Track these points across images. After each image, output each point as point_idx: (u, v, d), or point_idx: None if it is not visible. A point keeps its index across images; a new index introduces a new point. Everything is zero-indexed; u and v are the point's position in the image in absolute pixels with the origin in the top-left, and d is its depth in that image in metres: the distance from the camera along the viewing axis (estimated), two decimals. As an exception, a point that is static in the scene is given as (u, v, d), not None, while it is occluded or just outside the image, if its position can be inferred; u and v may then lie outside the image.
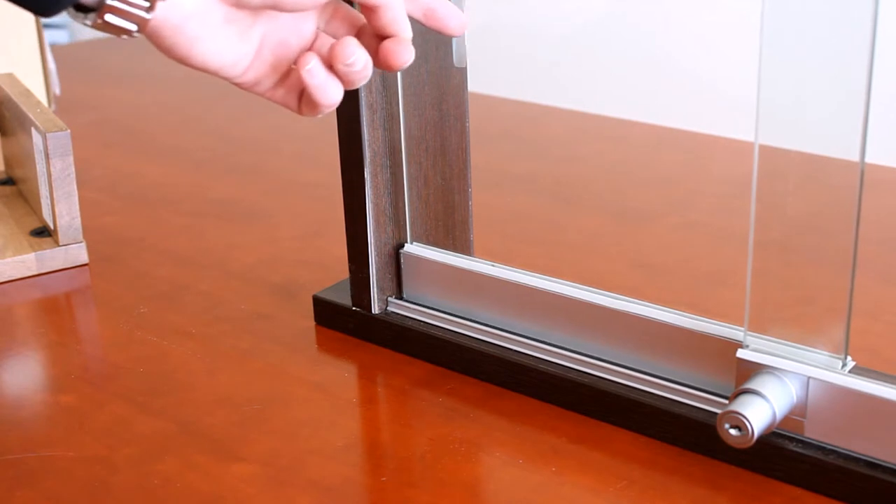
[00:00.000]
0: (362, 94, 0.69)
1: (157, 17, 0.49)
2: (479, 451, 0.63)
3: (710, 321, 0.62)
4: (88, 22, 0.49)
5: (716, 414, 0.59)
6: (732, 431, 0.55)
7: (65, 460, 0.63)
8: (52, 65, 1.26)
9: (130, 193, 1.07)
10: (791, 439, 0.58)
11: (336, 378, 0.71)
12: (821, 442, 0.57)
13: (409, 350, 0.73)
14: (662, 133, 1.21)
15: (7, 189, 1.03)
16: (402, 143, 0.72)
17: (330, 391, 0.70)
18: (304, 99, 0.55)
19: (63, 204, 0.88)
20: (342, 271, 0.78)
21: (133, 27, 0.49)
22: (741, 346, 0.59)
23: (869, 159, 0.53)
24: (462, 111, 0.75)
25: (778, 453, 0.58)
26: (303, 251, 0.91)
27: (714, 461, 0.61)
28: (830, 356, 0.56)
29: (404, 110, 0.71)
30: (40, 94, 1.22)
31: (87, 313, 0.85)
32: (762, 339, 0.58)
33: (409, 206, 0.73)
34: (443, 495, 0.59)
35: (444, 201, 0.75)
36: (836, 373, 0.56)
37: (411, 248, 0.73)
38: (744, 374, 0.58)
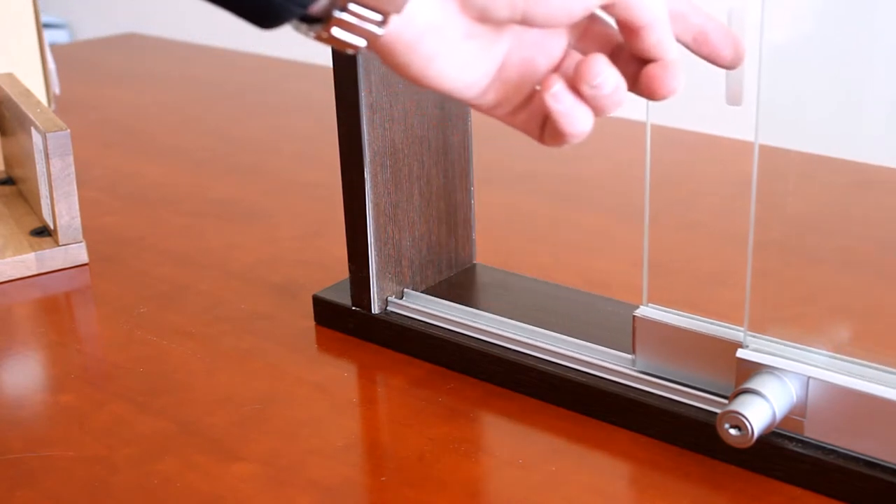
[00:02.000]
0: (362, 94, 0.69)
1: (390, 32, 0.44)
2: (479, 451, 0.63)
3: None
4: (312, 34, 0.44)
5: (716, 414, 0.59)
6: (732, 431, 0.55)
7: (65, 460, 0.63)
8: (52, 65, 1.26)
9: (130, 193, 1.07)
10: (791, 439, 0.58)
11: (336, 378, 0.71)
12: (821, 442, 0.57)
13: (409, 350, 0.73)
14: (662, 133, 1.21)
15: (7, 189, 1.03)
16: (402, 142, 0.72)
17: (330, 391, 0.70)
18: (547, 126, 0.48)
19: (63, 204, 0.88)
20: (342, 271, 0.78)
21: (362, 42, 0.44)
22: (741, 346, 0.59)
23: (869, 159, 0.53)
24: (464, 110, 0.75)
25: (778, 453, 0.58)
26: (303, 251, 0.91)
27: (714, 461, 0.61)
28: (828, 356, 0.56)
29: (406, 109, 0.71)
30: (40, 94, 1.22)
31: (86, 313, 0.85)
32: (762, 338, 0.58)
33: (411, 205, 0.73)
34: (443, 495, 0.59)
35: (446, 200, 0.75)
36: (836, 373, 0.56)
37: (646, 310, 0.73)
38: (744, 374, 0.58)
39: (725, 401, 0.60)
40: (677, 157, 1.13)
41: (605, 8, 0.45)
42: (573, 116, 0.45)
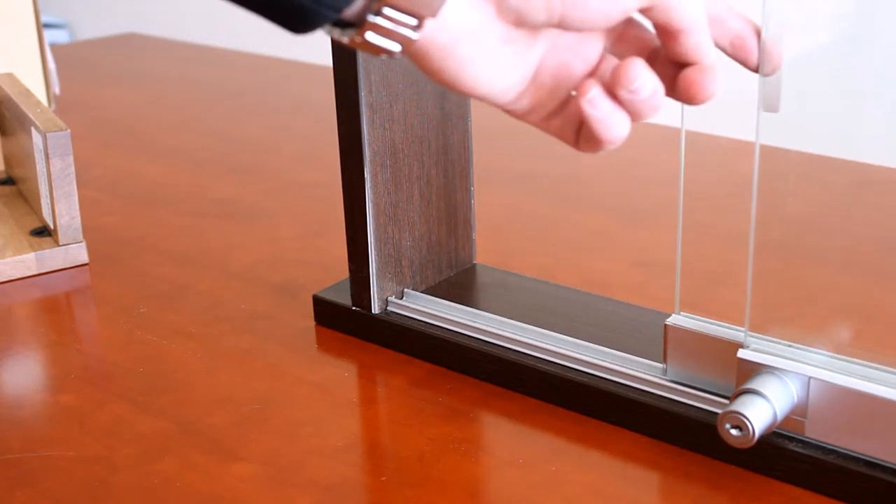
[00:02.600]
0: (362, 94, 0.69)
1: (425, 36, 0.43)
2: (479, 451, 0.63)
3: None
4: (345, 39, 0.43)
5: (716, 414, 0.59)
6: (733, 431, 0.55)
7: (65, 460, 0.63)
8: (52, 65, 1.26)
9: (130, 193, 1.07)
10: (791, 439, 0.58)
11: (336, 378, 0.71)
12: (821, 442, 0.57)
13: (409, 350, 0.73)
14: (662, 133, 1.21)
15: (7, 189, 1.03)
16: (401, 142, 0.72)
17: (330, 391, 0.70)
18: (583, 132, 0.47)
19: (63, 204, 0.88)
20: (342, 271, 0.78)
21: (396, 47, 0.43)
22: (742, 346, 0.59)
23: (869, 159, 0.53)
24: (464, 110, 0.75)
25: (778, 453, 0.58)
26: (303, 251, 0.91)
27: (714, 461, 0.61)
28: (828, 356, 0.56)
29: (406, 108, 0.71)
30: (40, 93, 1.22)
31: (87, 313, 0.85)
32: (763, 339, 0.58)
33: (411, 205, 0.73)
34: (443, 495, 0.59)
35: (446, 200, 0.75)
36: (836, 373, 0.56)
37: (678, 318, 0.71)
38: (744, 374, 0.58)
39: (726, 401, 0.60)
40: (677, 157, 1.13)
41: (643, 11, 0.45)
42: (610, 122, 0.45)
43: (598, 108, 0.44)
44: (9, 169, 1.05)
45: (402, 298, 0.75)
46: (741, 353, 0.58)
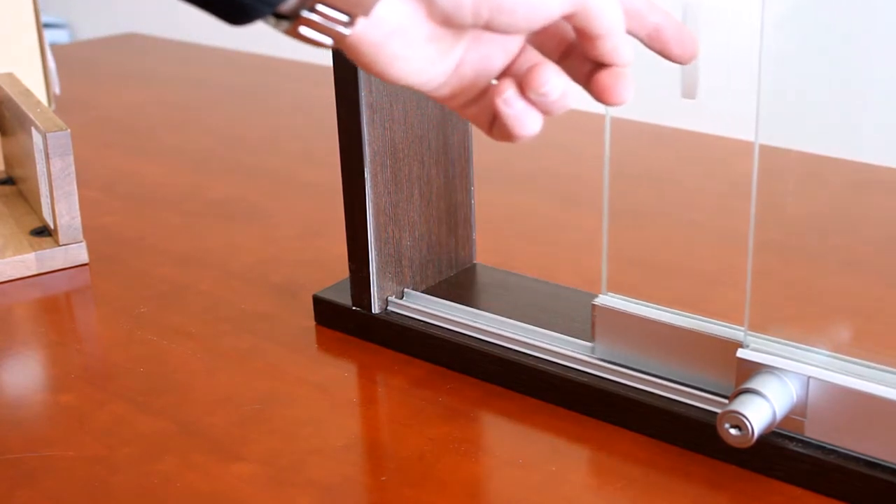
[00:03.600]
0: (362, 94, 0.69)
1: (357, 33, 0.45)
2: (479, 451, 0.63)
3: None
4: (281, 30, 0.45)
5: (716, 414, 0.59)
6: (733, 431, 0.55)
7: (65, 460, 0.63)
8: (52, 64, 1.26)
9: (130, 193, 1.07)
10: (791, 439, 0.58)
11: (336, 378, 0.71)
12: (821, 442, 0.57)
13: (409, 350, 0.73)
14: (662, 132, 1.21)
15: (7, 189, 1.03)
16: (401, 142, 0.72)
17: (330, 391, 0.70)
18: (496, 124, 0.49)
19: (63, 203, 0.88)
20: (342, 271, 0.78)
21: (328, 41, 0.45)
22: (741, 346, 0.59)
23: (869, 159, 0.53)
24: (462, 111, 0.75)
25: (778, 453, 0.58)
26: (303, 251, 0.91)
27: (714, 461, 0.61)
28: (828, 356, 0.56)
29: (406, 108, 0.71)
30: (40, 93, 1.22)
31: (87, 313, 0.85)
32: (762, 338, 0.58)
33: (411, 205, 0.73)
34: (443, 495, 0.59)
35: (446, 200, 0.75)
36: (836, 372, 0.56)
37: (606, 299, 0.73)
38: (744, 374, 0.58)
39: (726, 401, 0.60)
40: (677, 158, 1.13)
41: (565, 17, 0.46)
42: (523, 119, 0.47)
43: (513, 107, 0.46)
44: (9, 169, 1.05)
45: (402, 298, 0.75)
46: (740, 353, 0.58)
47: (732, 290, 0.81)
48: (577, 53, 0.49)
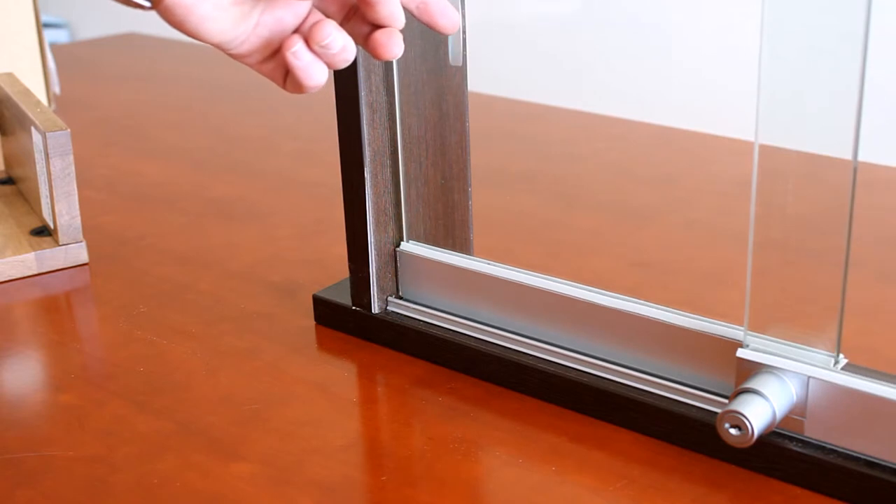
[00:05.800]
0: (362, 94, 0.69)
1: None
2: (479, 451, 0.63)
3: (710, 321, 0.62)
4: None
5: (716, 413, 0.59)
6: (732, 431, 0.55)
7: (65, 460, 0.63)
8: (52, 64, 1.26)
9: (130, 192, 1.07)
10: (791, 439, 0.58)
11: (336, 378, 0.71)
12: (821, 441, 0.57)
13: (408, 350, 0.73)
14: (662, 132, 1.21)
15: (7, 188, 1.03)
16: (400, 142, 0.72)
17: (330, 391, 0.70)
18: (289, 77, 0.57)
19: (63, 203, 0.88)
20: (342, 271, 0.78)
21: (146, 3, 0.52)
22: (741, 346, 0.59)
23: (869, 159, 0.53)
24: (462, 110, 0.75)
25: (778, 453, 0.58)
26: (303, 250, 0.91)
27: (714, 460, 0.61)
28: (828, 355, 0.56)
29: (404, 109, 0.71)
30: (40, 93, 1.22)
31: (86, 313, 0.85)
32: (762, 338, 0.58)
33: (409, 205, 0.73)
34: (443, 495, 0.59)
35: (444, 200, 0.75)
36: (835, 372, 0.56)
37: (408, 246, 0.73)
38: (744, 374, 0.58)
39: (725, 400, 0.60)
40: (677, 157, 1.13)
41: None
42: (310, 71, 0.55)
43: (301, 59, 0.54)
44: (9, 169, 1.05)
45: (401, 298, 0.75)
46: (740, 353, 0.58)
47: (732, 290, 0.81)
48: (358, 17, 0.56)
